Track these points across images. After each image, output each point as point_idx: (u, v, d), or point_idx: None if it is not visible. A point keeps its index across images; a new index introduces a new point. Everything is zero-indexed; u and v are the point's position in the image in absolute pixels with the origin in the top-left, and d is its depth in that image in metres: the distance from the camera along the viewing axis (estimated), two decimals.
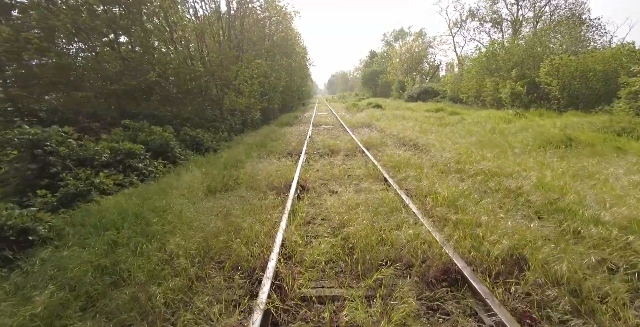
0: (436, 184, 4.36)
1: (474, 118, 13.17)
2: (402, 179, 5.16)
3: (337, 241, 3.15)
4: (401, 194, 4.12)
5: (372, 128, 12.91)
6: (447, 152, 6.27)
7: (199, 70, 12.93)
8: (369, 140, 9.16)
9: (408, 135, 9.17)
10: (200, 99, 14.08)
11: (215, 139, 10.51)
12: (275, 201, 4.56)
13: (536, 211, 3.49)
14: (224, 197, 4.81)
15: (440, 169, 5.41)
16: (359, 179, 5.56)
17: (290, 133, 12.82)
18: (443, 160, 5.82)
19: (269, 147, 9.42)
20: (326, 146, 8.97)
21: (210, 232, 3.23)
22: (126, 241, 3.10)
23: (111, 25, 10.20)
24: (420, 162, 5.83)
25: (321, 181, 5.81)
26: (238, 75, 16.08)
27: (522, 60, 20.43)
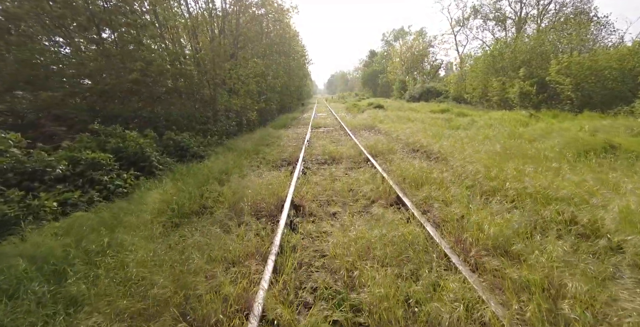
0: (472, 211, 3.26)
1: (485, 120, 12.07)
2: (423, 201, 4.06)
3: (343, 314, 2.05)
4: (430, 230, 3.02)
5: (375, 131, 11.80)
6: (471, 163, 5.16)
7: (188, 69, 11.81)
8: (374, 145, 8.05)
9: (418, 141, 8.07)
10: (191, 99, 12.97)
11: (204, 144, 9.39)
12: (258, 235, 3.46)
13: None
14: (194, 227, 3.70)
15: (468, 185, 4.31)
16: (367, 198, 4.46)
17: (287, 136, 11.71)
18: (469, 174, 4.73)
19: (263, 153, 8.31)
20: (326, 153, 7.86)
21: (152, 302, 2.14)
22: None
23: (93, 18, 9.10)
24: (441, 177, 4.72)
25: (320, 200, 4.71)
26: (232, 74, 14.96)
27: (529, 59, 19.34)
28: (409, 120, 13.18)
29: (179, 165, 7.29)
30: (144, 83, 9.91)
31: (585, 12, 26.84)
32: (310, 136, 11.23)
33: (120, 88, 9.29)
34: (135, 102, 9.58)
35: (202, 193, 4.93)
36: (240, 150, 8.42)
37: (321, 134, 12.05)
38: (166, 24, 12.15)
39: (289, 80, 27.20)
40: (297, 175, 5.95)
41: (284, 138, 11.29)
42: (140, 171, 6.24)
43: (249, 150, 8.52)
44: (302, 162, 7.26)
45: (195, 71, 12.85)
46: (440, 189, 4.23)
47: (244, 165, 7.05)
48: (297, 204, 4.58)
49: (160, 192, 4.73)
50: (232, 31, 17.48)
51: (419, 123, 12.15)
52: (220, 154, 8.25)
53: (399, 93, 33.92)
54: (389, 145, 8.03)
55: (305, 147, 8.67)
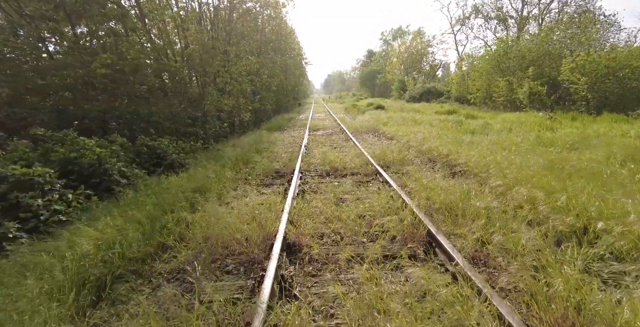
0: (584, 287, 1.99)
1: (499, 123, 10.85)
2: (477, 250, 2.78)
3: None
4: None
5: (380, 135, 10.52)
6: (518, 183, 3.90)
7: (173, 65, 10.45)
8: (382, 154, 6.78)
9: (435, 148, 6.80)
10: (178, 98, 11.60)
11: (186, 150, 8.05)
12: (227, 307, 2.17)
13: None
14: (136, 289, 2.40)
15: (534, 221, 3.05)
16: (389, 238, 3.18)
17: (282, 140, 10.40)
18: (522, 201, 3.47)
19: (253, 162, 7.00)
20: (327, 162, 6.57)
21: None
22: None
23: (63, 7, 7.73)
24: (486, 205, 3.45)
25: (324, 236, 3.43)
26: (221, 72, 13.61)
27: (537, 58, 18.19)
28: (415, 122, 11.92)
29: (151, 178, 5.97)
30: (119, 80, 8.53)
31: (590, 10, 25.80)
32: (308, 140, 9.93)
33: (87, 85, 7.92)
34: (105, 101, 8.19)
35: (164, 224, 3.62)
36: (227, 159, 7.10)
37: (320, 137, 10.75)
38: (151, 16, 10.76)
39: (285, 79, 25.82)
40: (293, 195, 4.65)
41: (278, 143, 9.97)
42: (96, 188, 4.91)
43: (237, 159, 7.20)
44: (299, 174, 5.95)
45: (182, 68, 11.50)
46: (493, 226, 2.95)
47: (228, 178, 5.73)
48: (291, 241, 3.29)
49: (104, 224, 3.41)
50: (224, 26, 16.11)
51: (427, 126, 10.90)
52: (204, 163, 6.92)
53: (398, 93, 32.71)
54: (401, 153, 6.75)
55: (302, 155, 7.37)
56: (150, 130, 8.33)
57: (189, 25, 12.51)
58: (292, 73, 28.82)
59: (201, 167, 6.45)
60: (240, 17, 17.59)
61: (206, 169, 6.28)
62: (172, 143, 8.16)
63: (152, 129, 8.50)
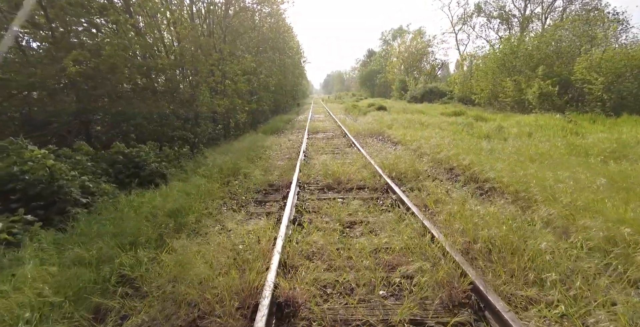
0: None
1: (515, 126, 9.92)
2: None
3: None
4: None
5: (385, 139, 9.58)
6: (588, 215, 2.95)
7: (160, 63, 9.48)
8: (393, 164, 5.83)
9: (452, 157, 5.86)
10: (166, 99, 10.62)
11: (169, 158, 7.08)
12: None
13: None
14: None
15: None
16: (419, 298, 2.24)
17: (279, 145, 9.44)
18: (608, 244, 2.53)
19: (243, 173, 6.04)
20: (328, 174, 5.61)
21: None
22: None
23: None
24: (553, 250, 2.50)
25: (325, 290, 2.49)
26: (215, 70, 12.64)
27: (546, 57, 17.27)
28: (422, 125, 10.98)
29: (124, 192, 5.02)
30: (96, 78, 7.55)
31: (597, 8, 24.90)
32: (306, 146, 8.98)
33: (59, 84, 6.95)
34: (83, 102, 7.20)
35: (115, 270, 2.66)
36: (215, 168, 6.13)
37: (320, 142, 9.79)
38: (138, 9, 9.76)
39: (283, 79, 24.83)
40: (288, 219, 3.70)
41: (274, 148, 9.01)
42: (45, 210, 3.95)
43: (227, 168, 6.24)
44: (296, 189, 5.00)
45: (172, 66, 10.53)
46: (579, 289, 2.01)
47: (212, 195, 4.78)
48: (284, 299, 2.34)
49: (23, 275, 2.45)
50: (219, 22, 15.13)
51: (435, 129, 9.96)
52: (188, 173, 5.96)
53: (399, 93, 31.77)
54: (413, 163, 5.80)
55: (300, 164, 6.40)
56: (131, 135, 7.36)
57: (179, 20, 11.53)
58: (291, 72, 27.83)
59: (183, 181, 5.50)
60: (237, 13, 16.62)
61: (188, 182, 5.32)
62: (154, 149, 7.20)
63: (133, 134, 7.52)
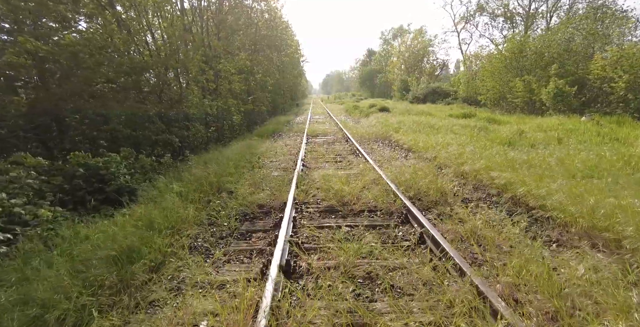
0: None
1: (535, 129, 8.85)
2: None
3: None
4: None
5: (394, 145, 8.49)
6: None
7: (141, 60, 8.37)
8: (409, 180, 4.73)
9: (482, 171, 4.77)
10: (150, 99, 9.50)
11: (145, 169, 5.98)
12: None
13: None
14: None
15: None
16: None
17: (275, 152, 8.34)
18: None
19: (229, 188, 4.95)
20: (330, 192, 4.52)
21: None
22: None
23: None
24: None
25: None
26: (206, 69, 11.53)
27: (558, 55, 16.21)
28: (432, 128, 9.90)
29: (77, 217, 3.94)
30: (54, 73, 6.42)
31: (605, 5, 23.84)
32: (305, 152, 7.88)
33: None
34: (24, 103, 6.05)
35: None
36: (193, 184, 5.03)
37: (320, 147, 8.70)
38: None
39: (281, 78, 23.69)
40: (275, 272, 2.60)
41: (269, 155, 7.91)
42: None
43: (209, 183, 5.14)
44: (291, 215, 3.90)
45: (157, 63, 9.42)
46: None
47: (184, 223, 3.70)
48: None
49: None
50: (212, 17, 14.00)
51: (448, 133, 8.88)
52: (160, 191, 4.86)
53: (400, 94, 30.67)
54: (435, 178, 4.71)
55: (297, 177, 5.31)
56: (101, 141, 6.24)
57: (166, 13, 10.42)
58: (290, 72, 26.72)
59: (153, 200, 4.40)
60: (232, 9, 15.49)
61: (159, 203, 4.22)
62: (129, 158, 6.11)
63: (102, 140, 6.41)
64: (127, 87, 8.29)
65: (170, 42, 9.79)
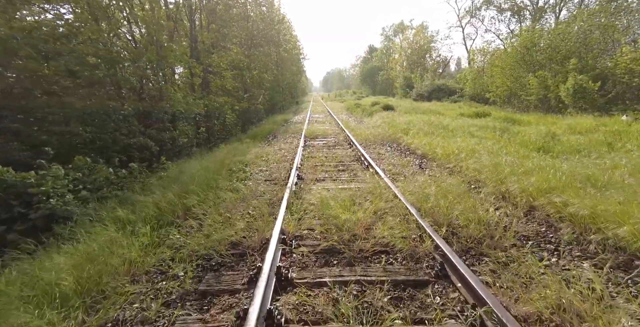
0: None
1: (567, 131, 7.58)
2: None
3: None
4: None
5: (404, 150, 7.21)
6: None
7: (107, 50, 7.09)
8: (437, 206, 3.47)
9: (534, 192, 3.50)
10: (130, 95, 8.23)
11: (98, 184, 4.72)
12: None
13: None
14: None
15: None
16: None
17: (266, 159, 7.07)
18: None
19: (194, 214, 3.70)
20: (332, 224, 3.27)
21: None
22: None
23: None
24: None
25: None
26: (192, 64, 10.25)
27: (575, 49, 14.85)
28: (446, 130, 8.61)
29: None
30: None
31: None
32: (301, 159, 6.62)
33: None
34: None
35: None
36: (150, 208, 3.77)
37: (319, 152, 7.43)
38: None
39: (280, 75, 22.36)
40: None
41: (259, 163, 6.65)
42: None
43: (171, 204, 3.90)
44: (273, 269, 2.62)
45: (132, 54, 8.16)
46: None
47: (121, 275, 2.46)
48: None
49: None
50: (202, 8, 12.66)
51: (466, 136, 7.61)
52: (101, 218, 3.60)
53: (403, 91, 29.29)
54: (470, 202, 3.45)
55: (288, 197, 4.05)
56: (46, 148, 4.97)
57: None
58: (288, 68, 25.36)
59: (88, 232, 3.16)
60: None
61: (94, 241, 2.97)
62: (82, 169, 4.85)
63: (51, 146, 5.14)
64: (94, 82, 7.01)
65: (149, 32, 8.50)
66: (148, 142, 7.28)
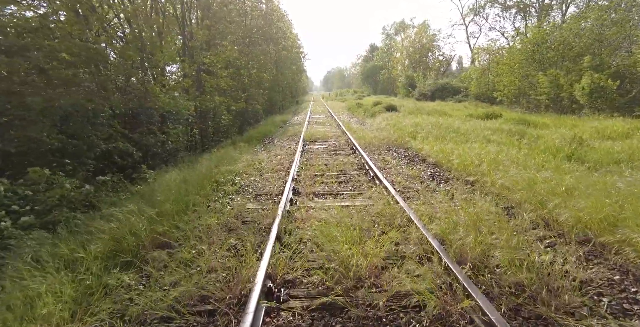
0: None
1: (595, 136, 6.79)
2: None
3: None
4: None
5: (413, 157, 6.42)
6: None
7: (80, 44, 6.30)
8: (468, 242, 2.68)
9: (585, 220, 2.71)
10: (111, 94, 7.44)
11: (51, 201, 3.94)
12: None
13: None
14: None
15: None
16: None
17: (259, 168, 6.29)
18: None
19: (160, 242, 2.93)
20: (333, 263, 2.50)
21: None
22: None
23: None
24: None
25: None
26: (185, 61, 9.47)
27: (589, 45, 14.01)
28: (457, 133, 7.82)
29: None
30: None
31: None
32: (298, 168, 5.84)
33: None
34: None
35: None
36: (104, 240, 3.00)
37: (318, 159, 6.66)
38: None
39: (279, 74, 21.55)
40: None
41: (250, 173, 5.87)
42: None
43: (134, 234, 3.13)
44: None
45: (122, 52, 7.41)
46: None
47: None
48: None
49: None
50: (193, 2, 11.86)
51: (481, 141, 6.82)
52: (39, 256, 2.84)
53: (405, 91, 28.45)
54: (511, 230, 2.67)
55: (280, 223, 3.29)
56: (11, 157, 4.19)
57: None
58: (288, 67, 24.54)
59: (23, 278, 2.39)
60: None
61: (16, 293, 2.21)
62: (38, 183, 4.09)
63: (12, 158, 4.37)
64: (68, 81, 6.23)
65: (133, 26, 7.71)
66: (129, 147, 6.50)
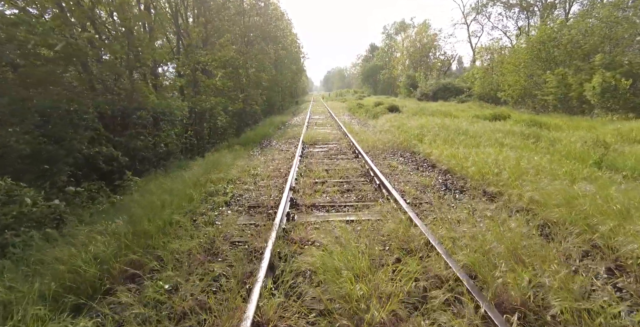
0: None
1: (618, 139, 6.23)
2: None
3: None
4: None
5: (421, 162, 5.86)
6: None
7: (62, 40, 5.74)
8: (505, 277, 2.13)
9: None
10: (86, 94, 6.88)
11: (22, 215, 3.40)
12: None
13: None
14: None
15: None
16: None
17: (253, 174, 5.72)
18: None
19: (130, 276, 2.38)
20: (334, 309, 1.95)
21: None
22: None
23: None
24: None
25: None
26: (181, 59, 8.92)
27: (599, 43, 13.47)
28: (467, 136, 7.27)
29: None
30: None
31: None
32: (296, 177, 5.28)
33: None
34: None
35: None
36: (65, 276, 2.45)
37: (318, 164, 6.09)
38: None
39: (278, 74, 20.97)
40: None
41: (244, 180, 5.30)
42: None
43: (95, 267, 2.58)
44: None
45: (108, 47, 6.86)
46: None
47: None
48: None
49: None
50: None
51: (494, 144, 6.27)
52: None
53: (407, 90, 27.88)
54: (558, 261, 2.12)
55: (272, 249, 2.73)
56: None
57: None
58: (288, 67, 23.96)
59: None
60: None
61: None
62: None
63: None
64: (45, 79, 5.67)
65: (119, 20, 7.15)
66: (112, 151, 5.95)
